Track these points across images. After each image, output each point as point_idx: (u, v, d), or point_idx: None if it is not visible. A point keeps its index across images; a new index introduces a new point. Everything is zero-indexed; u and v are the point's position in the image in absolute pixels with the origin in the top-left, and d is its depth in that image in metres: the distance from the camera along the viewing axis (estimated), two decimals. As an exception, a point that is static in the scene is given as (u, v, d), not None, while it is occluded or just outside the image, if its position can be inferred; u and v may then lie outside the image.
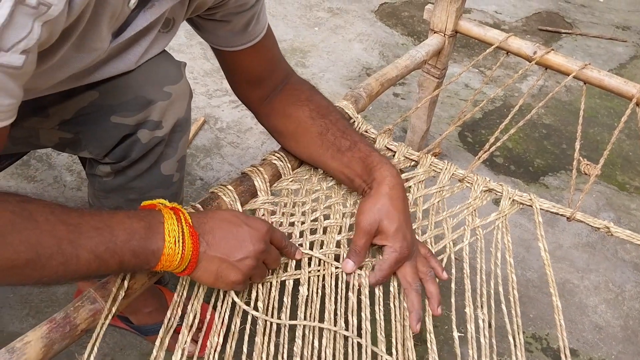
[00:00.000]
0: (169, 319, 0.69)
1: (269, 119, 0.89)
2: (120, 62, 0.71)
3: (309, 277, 0.77)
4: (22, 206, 0.53)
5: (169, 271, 0.64)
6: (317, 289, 0.76)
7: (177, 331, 0.69)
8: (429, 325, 0.74)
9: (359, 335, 0.71)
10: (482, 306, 0.74)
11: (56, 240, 0.54)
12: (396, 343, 0.72)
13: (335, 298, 0.75)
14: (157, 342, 0.67)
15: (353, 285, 0.76)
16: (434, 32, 1.29)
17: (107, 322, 0.65)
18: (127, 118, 0.74)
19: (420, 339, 0.72)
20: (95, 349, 0.64)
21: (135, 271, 0.65)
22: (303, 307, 0.74)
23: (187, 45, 1.96)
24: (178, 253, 0.61)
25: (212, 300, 0.73)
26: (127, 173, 0.81)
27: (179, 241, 0.61)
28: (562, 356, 0.70)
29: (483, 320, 0.73)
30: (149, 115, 0.75)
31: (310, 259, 0.79)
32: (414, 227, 0.84)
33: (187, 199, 1.39)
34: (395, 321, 0.74)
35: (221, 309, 0.72)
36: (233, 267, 0.65)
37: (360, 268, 0.77)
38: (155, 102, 0.75)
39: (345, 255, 0.79)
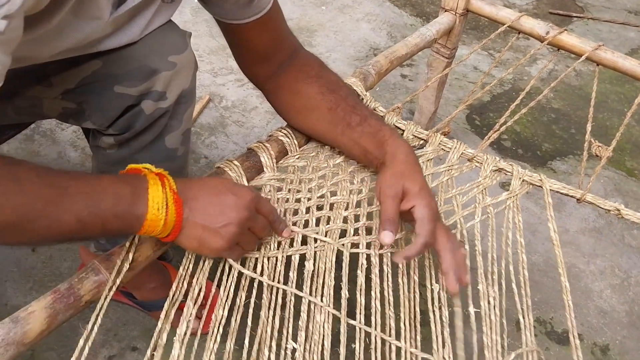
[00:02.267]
0: (174, 292, 0.69)
1: (277, 95, 0.87)
2: (123, 35, 0.70)
3: (315, 252, 0.76)
4: (7, 169, 0.53)
5: (153, 236, 0.64)
6: (323, 264, 0.75)
7: (180, 308, 0.68)
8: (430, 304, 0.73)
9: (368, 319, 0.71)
10: (492, 284, 0.73)
11: (41, 203, 0.54)
12: (404, 319, 0.71)
13: (341, 276, 0.75)
14: (162, 315, 0.66)
15: (382, 264, 0.74)
16: (445, 11, 1.27)
17: (111, 293, 0.65)
18: (131, 88, 0.73)
19: (423, 321, 0.71)
20: (99, 319, 0.64)
21: (117, 235, 0.65)
22: (309, 281, 0.73)
23: (193, 23, 1.94)
24: (161, 219, 0.61)
25: (218, 274, 0.72)
26: (131, 145, 0.80)
27: (162, 207, 0.61)
28: (570, 336, 0.69)
29: (494, 298, 0.72)
30: (153, 86, 0.74)
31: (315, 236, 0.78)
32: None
33: (192, 176, 1.38)
34: (403, 297, 0.73)
35: (226, 282, 0.71)
36: (216, 233, 0.65)
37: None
38: (160, 72, 0.73)
39: (351, 232, 0.78)
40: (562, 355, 1.14)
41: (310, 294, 0.72)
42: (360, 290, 0.74)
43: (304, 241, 0.77)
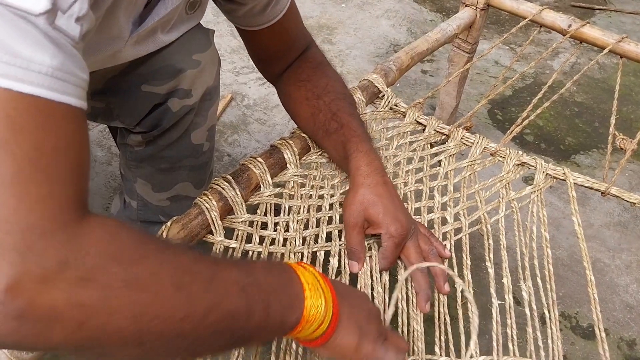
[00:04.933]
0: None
1: (280, 94, 0.90)
2: (148, 45, 0.72)
3: (340, 249, 0.77)
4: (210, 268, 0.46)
5: (304, 337, 0.55)
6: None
7: None
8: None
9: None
10: (525, 279, 0.73)
11: (245, 300, 0.46)
12: (402, 325, 0.71)
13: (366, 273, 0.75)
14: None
15: (363, 283, 0.74)
16: (466, 5, 1.27)
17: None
18: (158, 87, 0.75)
19: (428, 320, 0.72)
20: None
21: (277, 327, 0.51)
22: (333, 278, 0.74)
23: (214, 23, 1.95)
24: (320, 304, 0.52)
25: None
26: (158, 142, 0.81)
27: (317, 288, 0.53)
28: (596, 329, 0.69)
29: (527, 292, 0.72)
30: (178, 84, 0.75)
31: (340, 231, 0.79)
32: (445, 200, 0.83)
33: (216, 174, 1.39)
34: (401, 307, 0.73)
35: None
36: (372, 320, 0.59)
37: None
38: (185, 71, 0.75)
39: None
40: (587, 350, 1.13)
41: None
42: (385, 288, 0.74)
43: (329, 237, 0.78)
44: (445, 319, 0.71)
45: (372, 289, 0.73)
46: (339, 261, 0.76)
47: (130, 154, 0.86)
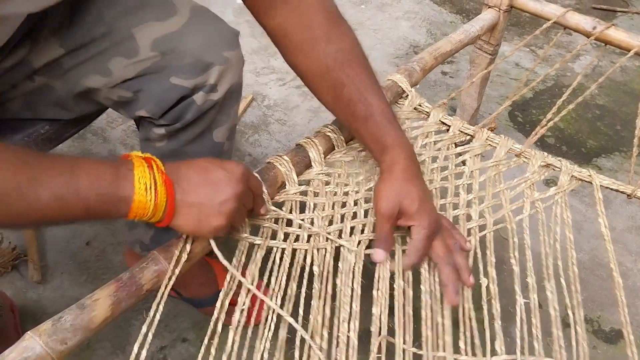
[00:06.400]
0: (229, 283, 0.71)
1: (284, 41, 0.78)
2: None
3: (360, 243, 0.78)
4: None
5: (145, 221, 0.62)
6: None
7: (231, 303, 0.70)
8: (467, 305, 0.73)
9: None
10: (549, 279, 0.73)
11: (16, 181, 0.53)
12: (426, 328, 0.71)
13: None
14: (218, 304, 0.68)
15: (380, 275, 0.74)
16: (489, 7, 1.27)
17: (171, 282, 0.67)
18: (187, 80, 0.75)
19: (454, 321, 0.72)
20: (161, 307, 0.66)
21: (105, 218, 0.61)
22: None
23: (235, 24, 1.96)
24: (150, 200, 0.59)
25: (269, 264, 0.74)
26: (180, 137, 0.82)
27: (150, 188, 0.59)
28: (624, 331, 0.69)
29: (551, 292, 0.72)
30: (207, 79, 0.76)
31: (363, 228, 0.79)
32: (470, 198, 0.84)
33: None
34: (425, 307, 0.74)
35: (278, 272, 0.73)
36: (214, 212, 0.63)
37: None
38: (214, 66, 0.76)
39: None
40: (610, 354, 1.12)
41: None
42: (408, 282, 0.75)
43: (352, 232, 0.79)
44: (470, 314, 0.71)
45: (394, 282, 0.74)
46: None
47: (152, 149, 0.85)
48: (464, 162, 0.89)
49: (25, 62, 0.76)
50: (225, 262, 0.69)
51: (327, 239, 0.77)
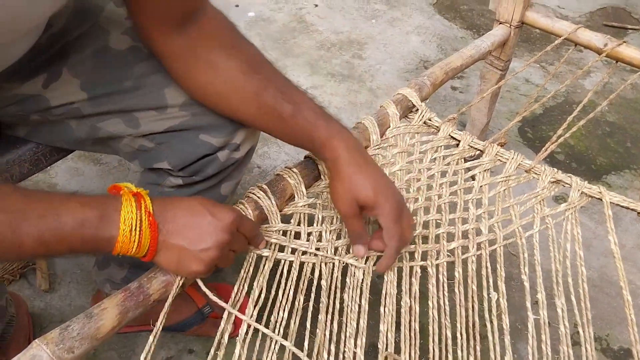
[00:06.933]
0: (236, 294, 0.71)
1: (186, 64, 0.70)
2: None
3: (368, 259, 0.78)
4: None
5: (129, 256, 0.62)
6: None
7: (212, 316, 0.69)
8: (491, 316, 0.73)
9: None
10: (559, 296, 0.73)
11: None
12: (460, 328, 0.71)
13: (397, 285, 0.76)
14: (225, 316, 0.69)
15: (387, 292, 0.74)
16: (500, 23, 1.27)
17: (178, 291, 0.68)
18: (215, 139, 0.75)
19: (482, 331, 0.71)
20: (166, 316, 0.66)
21: (91, 254, 0.63)
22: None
23: (247, 37, 1.99)
24: (134, 241, 0.60)
25: (277, 277, 0.74)
26: (194, 187, 0.81)
27: (135, 229, 0.59)
28: (634, 350, 0.68)
29: (562, 309, 0.72)
30: (233, 139, 0.77)
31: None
32: (480, 212, 0.83)
33: (246, 185, 1.41)
34: (459, 306, 0.74)
35: (285, 285, 0.73)
36: (194, 257, 0.63)
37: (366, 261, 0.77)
38: (241, 128, 0.76)
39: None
40: (619, 373, 1.11)
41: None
42: (415, 298, 0.75)
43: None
44: (477, 327, 0.71)
45: (401, 299, 0.73)
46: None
47: (159, 193, 0.82)
48: (473, 177, 0.89)
49: (40, 98, 0.74)
50: (215, 299, 0.69)
51: (335, 254, 0.77)
